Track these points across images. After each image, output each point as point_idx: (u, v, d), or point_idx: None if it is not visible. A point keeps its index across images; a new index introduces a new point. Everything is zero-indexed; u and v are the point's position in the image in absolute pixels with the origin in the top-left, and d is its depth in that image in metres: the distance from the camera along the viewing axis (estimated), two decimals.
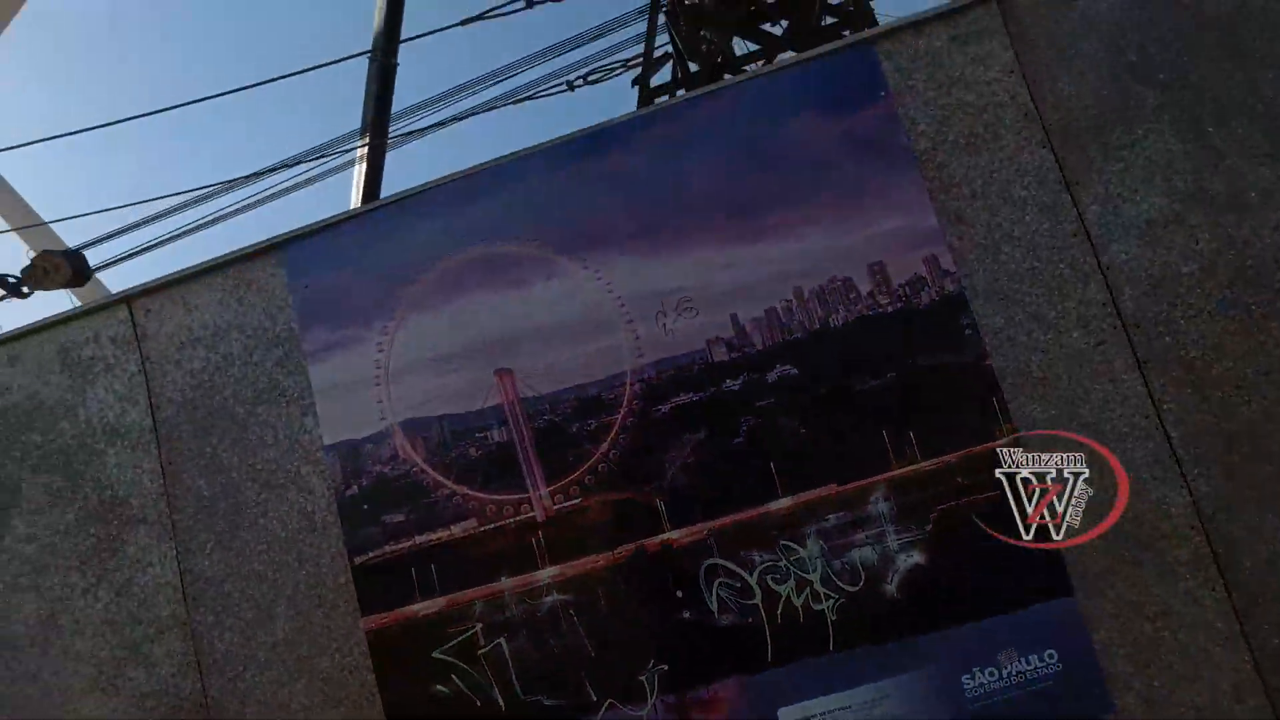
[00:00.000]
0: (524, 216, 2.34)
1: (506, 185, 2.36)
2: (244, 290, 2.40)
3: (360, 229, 2.39)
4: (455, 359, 2.32)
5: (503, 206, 2.34)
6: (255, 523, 2.39)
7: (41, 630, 2.36)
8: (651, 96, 9.18)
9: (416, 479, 2.34)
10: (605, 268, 2.30)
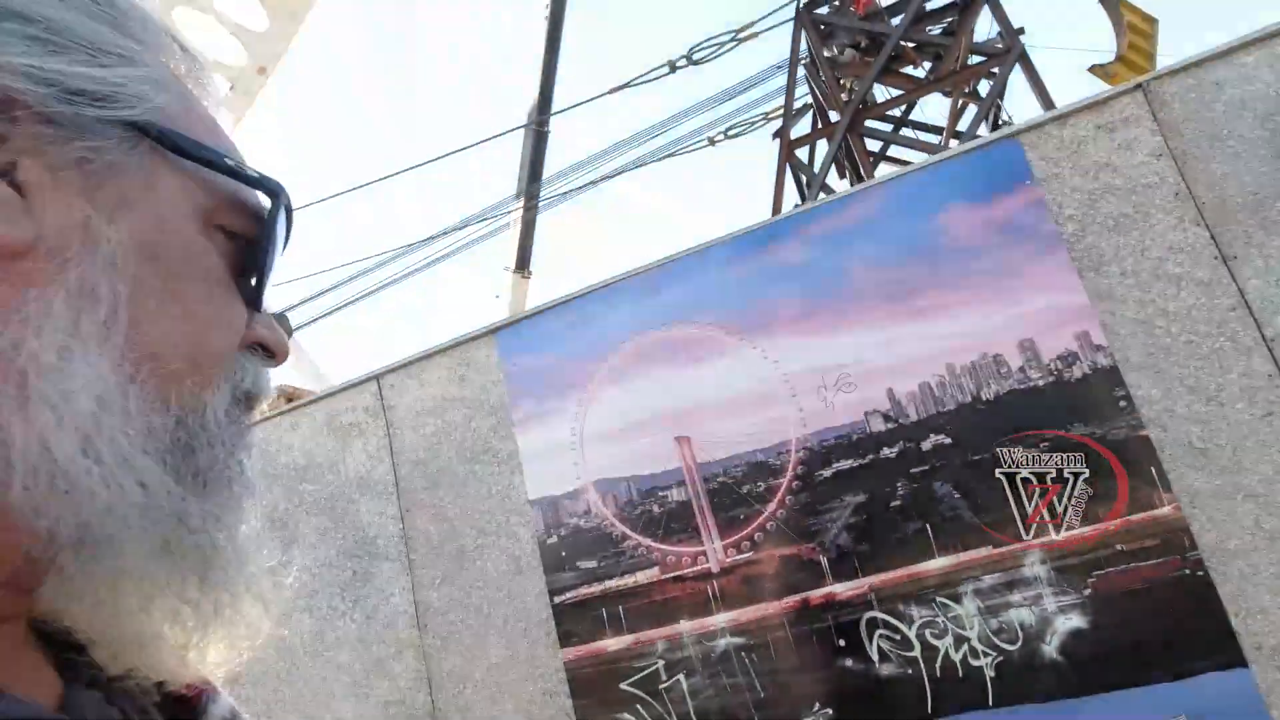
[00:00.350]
0: (702, 303, 2.70)
1: (687, 276, 2.73)
2: (465, 369, 2.90)
3: (560, 315, 2.84)
4: (641, 427, 2.70)
5: (684, 294, 2.71)
6: (473, 563, 2.85)
7: (313, 644, 2.92)
8: (792, 147, 9.46)
9: (607, 531, 2.72)
10: (773, 348, 2.60)
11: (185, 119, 0.37)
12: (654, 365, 2.72)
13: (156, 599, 0.33)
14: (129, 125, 0.34)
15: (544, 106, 10.88)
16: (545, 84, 10.77)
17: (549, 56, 10.54)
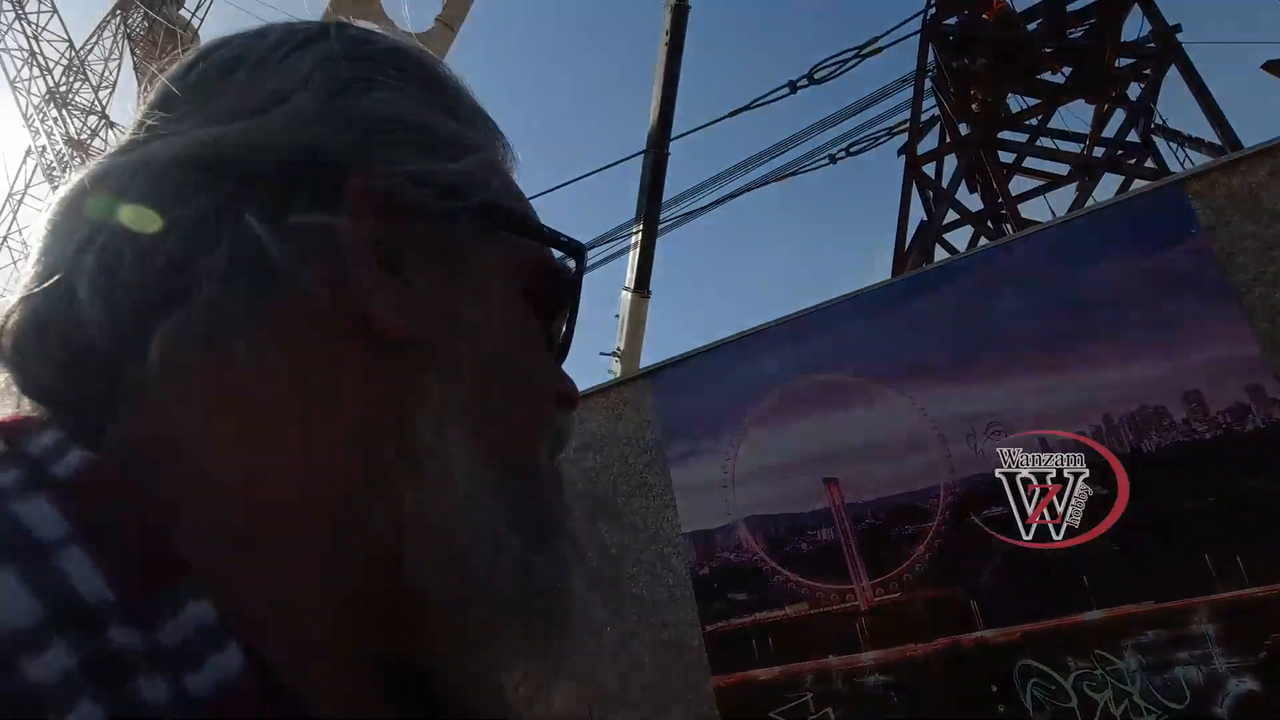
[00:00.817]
0: (852, 350, 2.82)
1: (834, 324, 2.86)
2: (622, 408, 3.14)
3: (713, 359, 3.04)
4: (790, 468, 2.84)
5: (835, 341, 2.84)
6: (630, 590, 3.07)
7: None
8: (919, 163, 9.23)
9: (757, 565, 2.87)
10: (921, 395, 2.69)
11: (508, 194, 0.38)
12: (804, 409, 2.85)
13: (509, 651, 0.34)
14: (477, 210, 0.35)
15: (663, 130, 11.07)
16: (664, 108, 10.96)
17: (668, 82, 10.75)
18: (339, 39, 0.36)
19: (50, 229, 0.31)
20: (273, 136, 0.31)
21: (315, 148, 0.31)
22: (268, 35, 0.35)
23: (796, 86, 10.29)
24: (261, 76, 0.33)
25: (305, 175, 0.31)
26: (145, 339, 0.28)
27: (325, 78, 0.33)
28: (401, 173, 0.33)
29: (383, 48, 0.37)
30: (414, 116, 0.35)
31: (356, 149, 0.32)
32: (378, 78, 0.35)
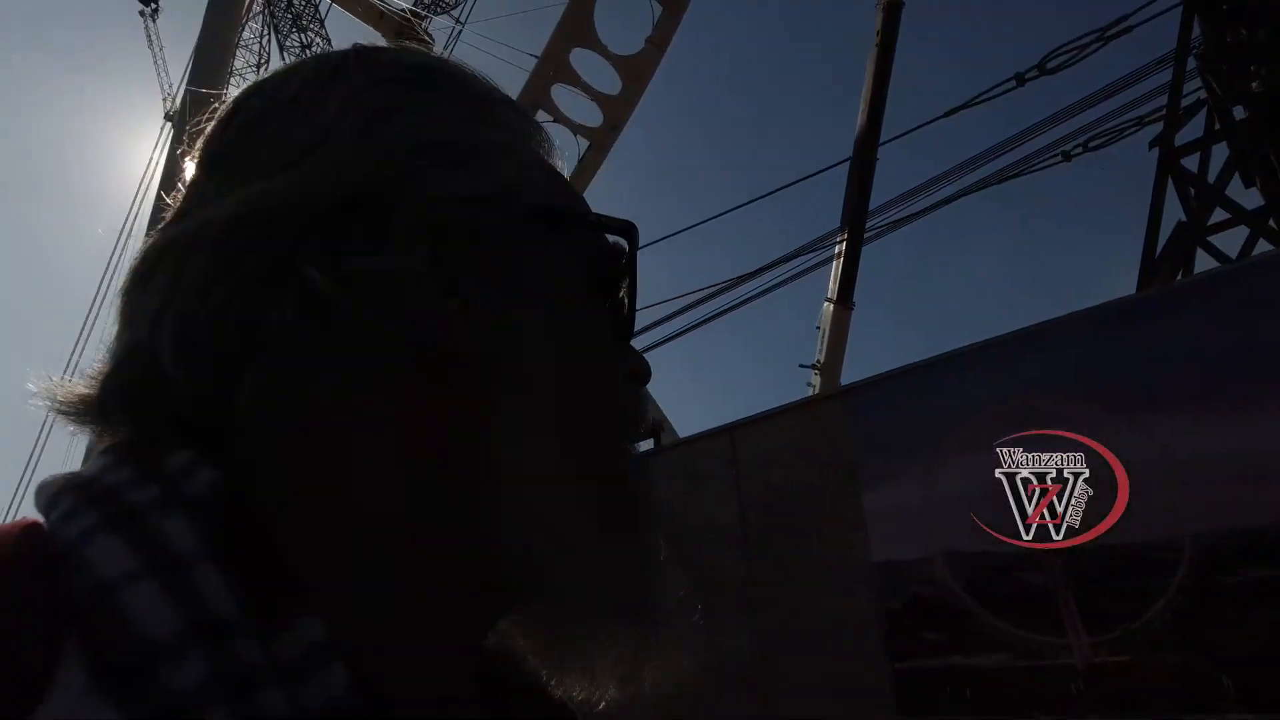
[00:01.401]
0: (1071, 374, 2.51)
1: (1055, 345, 2.57)
2: (813, 425, 3.05)
3: (914, 379, 2.85)
4: (997, 501, 2.59)
5: (1050, 365, 2.55)
6: (810, 615, 2.97)
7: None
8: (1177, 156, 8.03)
9: (954, 604, 2.64)
10: (1159, 429, 2.33)
11: (551, 188, 0.39)
12: (1012, 437, 2.59)
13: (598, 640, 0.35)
14: (522, 215, 0.35)
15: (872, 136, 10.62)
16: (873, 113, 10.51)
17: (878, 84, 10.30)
18: (361, 68, 0.36)
19: (126, 301, 0.34)
20: (315, 183, 0.32)
21: (357, 187, 0.32)
22: (294, 77, 0.37)
23: (1024, 79, 9.38)
24: (296, 122, 0.34)
25: (354, 214, 0.32)
26: (229, 394, 0.31)
27: (356, 112, 0.34)
28: (445, 194, 0.34)
29: (405, 67, 0.37)
30: (447, 134, 0.35)
31: (397, 180, 0.33)
32: (404, 101, 0.36)
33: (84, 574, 0.24)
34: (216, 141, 0.36)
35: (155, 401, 0.31)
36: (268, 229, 0.31)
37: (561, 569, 0.33)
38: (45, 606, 0.23)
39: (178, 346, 0.31)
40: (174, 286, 0.32)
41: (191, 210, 0.34)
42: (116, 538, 0.25)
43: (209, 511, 0.27)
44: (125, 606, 0.23)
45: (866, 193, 10.07)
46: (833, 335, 10.33)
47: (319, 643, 0.26)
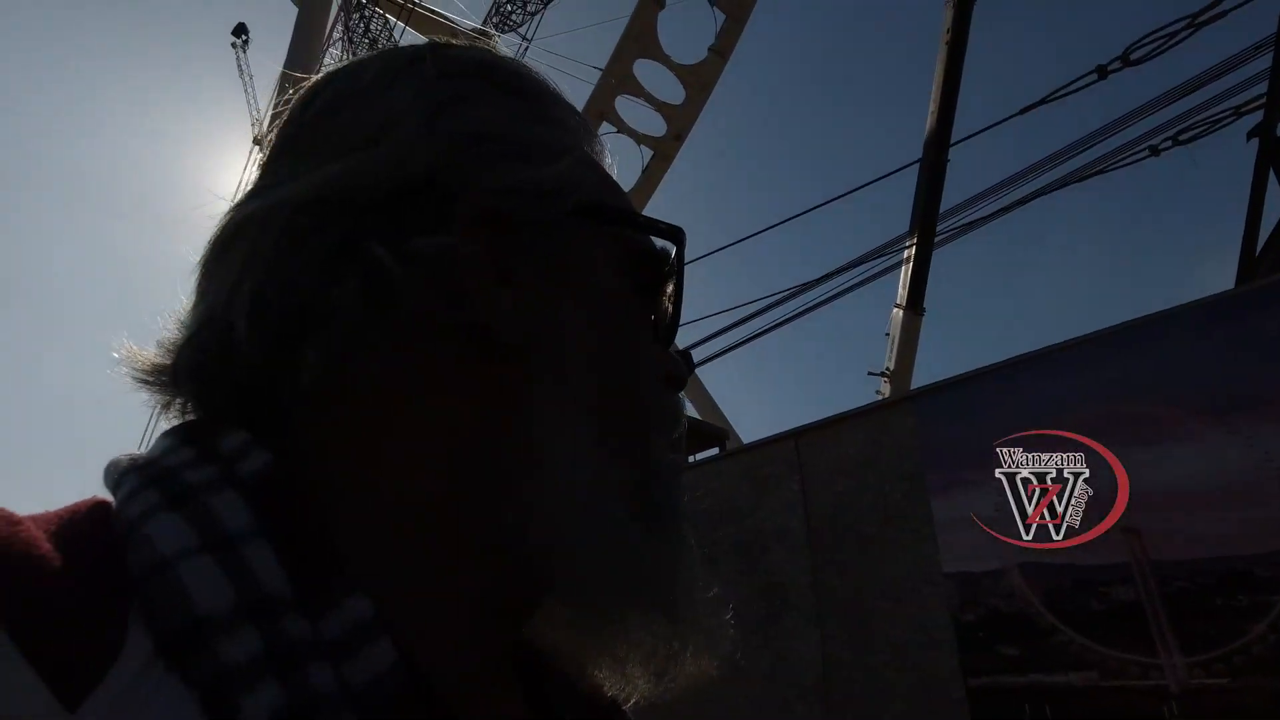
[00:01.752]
0: (1160, 377, 2.37)
1: (1141, 345, 2.42)
2: (880, 432, 2.96)
3: (986, 384, 2.74)
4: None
5: (1136, 366, 2.41)
6: (881, 627, 2.87)
7: (730, 670, 3.24)
8: (1278, 146, 7.49)
9: (1032, 619, 2.52)
10: (1263, 435, 2.17)
11: (603, 188, 0.40)
12: (1095, 444, 2.45)
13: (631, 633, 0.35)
14: (575, 210, 0.36)
15: (942, 137, 10.32)
16: (943, 114, 10.21)
17: (948, 84, 10.01)
18: (434, 61, 0.38)
19: (205, 272, 0.36)
20: (385, 166, 0.33)
21: (424, 172, 0.34)
22: (369, 67, 0.38)
23: (1107, 71, 8.90)
24: (368, 109, 0.36)
25: (418, 199, 0.34)
26: (293, 365, 0.32)
27: (425, 102, 0.35)
28: (504, 186, 0.35)
29: (475, 63, 0.39)
30: (510, 128, 0.36)
31: (461, 168, 0.34)
32: (473, 95, 0.37)
33: (146, 549, 0.25)
34: (293, 124, 0.38)
35: (225, 371, 0.33)
36: (337, 208, 0.33)
37: (593, 554, 0.33)
38: (113, 578, 0.25)
39: (251, 317, 0.32)
40: (249, 260, 0.33)
41: (267, 188, 0.35)
42: (176, 516, 0.26)
43: (261, 491, 0.28)
44: (183, 581, 0.24)
45: (937, 195, 9.77)
46: (903, 342, 10.06)
47: (364, 620, 0.27)
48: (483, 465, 0.33)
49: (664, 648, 0.36)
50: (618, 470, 0.35)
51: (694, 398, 11.31)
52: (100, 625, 0.23)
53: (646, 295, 0.41)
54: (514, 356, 0.34)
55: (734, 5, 10.54)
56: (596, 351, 0.36)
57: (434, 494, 0.33)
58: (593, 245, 0.38)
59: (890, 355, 10.25)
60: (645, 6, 10.06)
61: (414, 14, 13.69)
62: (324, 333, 0.32)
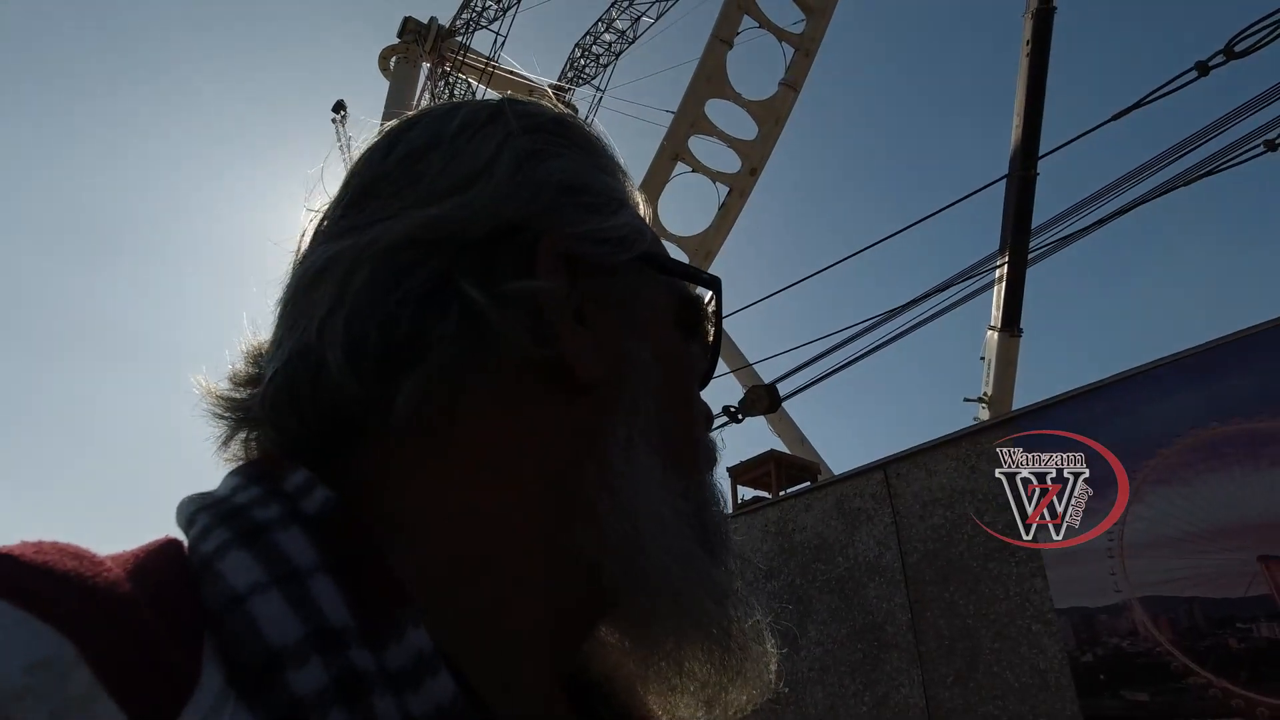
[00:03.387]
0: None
1: (1264, 356, 2.22)
2: (976, 459, 2.81)
3: (1089, 404, 2.56)
4: (1206, 539, 2.24)
5: (1260, 380, 2.20)
6: (990, 668, 2.68)
7: (825, 718, 3.09)
8: None
9: (1161, 660, 2.30)
10: None
11: (654, 237, 0.42)
12: (1221, 466, 2.24)
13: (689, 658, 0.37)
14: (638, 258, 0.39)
15: (1029, 151, 9.92)
16: (1029, 126, 9.84)
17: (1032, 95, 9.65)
18: (515, 116, 0.40)
19: (289, 308, 0.37)
20: (477, 212, 0.35)
21: (513, 218, 0.36)
22: (450, 118, 0.40)
23: (1209, 67, 8.34)
24: (456, 157, 0.38)
25: (507, 243, 0.36)
26: (385, 397, 0.33)
27: (510, 153, 0.38)
28: (580, 233, 0.37)
29: (548, 119, 0.41)
30: (582, 179, 0.39)
31: (543, 215, 0.37)
32: (549, 148, 0.39)
33: (219, 585, 0.27)
34: (373, 168, 0.39)
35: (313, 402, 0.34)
36: (432, 249, 0.35)
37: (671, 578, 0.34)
38: (189, 615, 0.26)
39: (347, 349, 0.33)
40: (340, 295, 0.34)
41: (354, 228, 0.36)
42: (246, 553, 0.28)
43: (324, 527, 0.29)
44: (255, 615, 0.26)
45: (1027, 211, 9.35)
46: (999, 365, 9.59)
47: (426, 652, 0.28)
48: (561, 497, 0.35)
49: (716, 676, 0.37)
50: (685, 500, 0.36)
51: (782, 432, 11.08)
52: (178, 660, 0.24)
53: (690, 337, 0.43)
54: (591, 393, 0.36)
55: (802, 38, 10.57)
56: (660, 389, 0.38)
57: (511, 525, 0.34)
58: (653, 290, 0.40)
59: (987, 379, 9.78)
60: (714, 47, 10.21)
61: (494, 75, 14.38)
62: (421, 367, 0.33)
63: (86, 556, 0.25)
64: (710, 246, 10.45)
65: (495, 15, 14.82)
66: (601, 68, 15.83)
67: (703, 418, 0.43)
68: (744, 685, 0.38)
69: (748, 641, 0.38)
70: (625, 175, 0.43)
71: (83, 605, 0.23)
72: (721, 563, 0.38)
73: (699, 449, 0.41)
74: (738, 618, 0.37)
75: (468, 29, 15.05)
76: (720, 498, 0.42)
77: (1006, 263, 9.75)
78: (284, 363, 0.35)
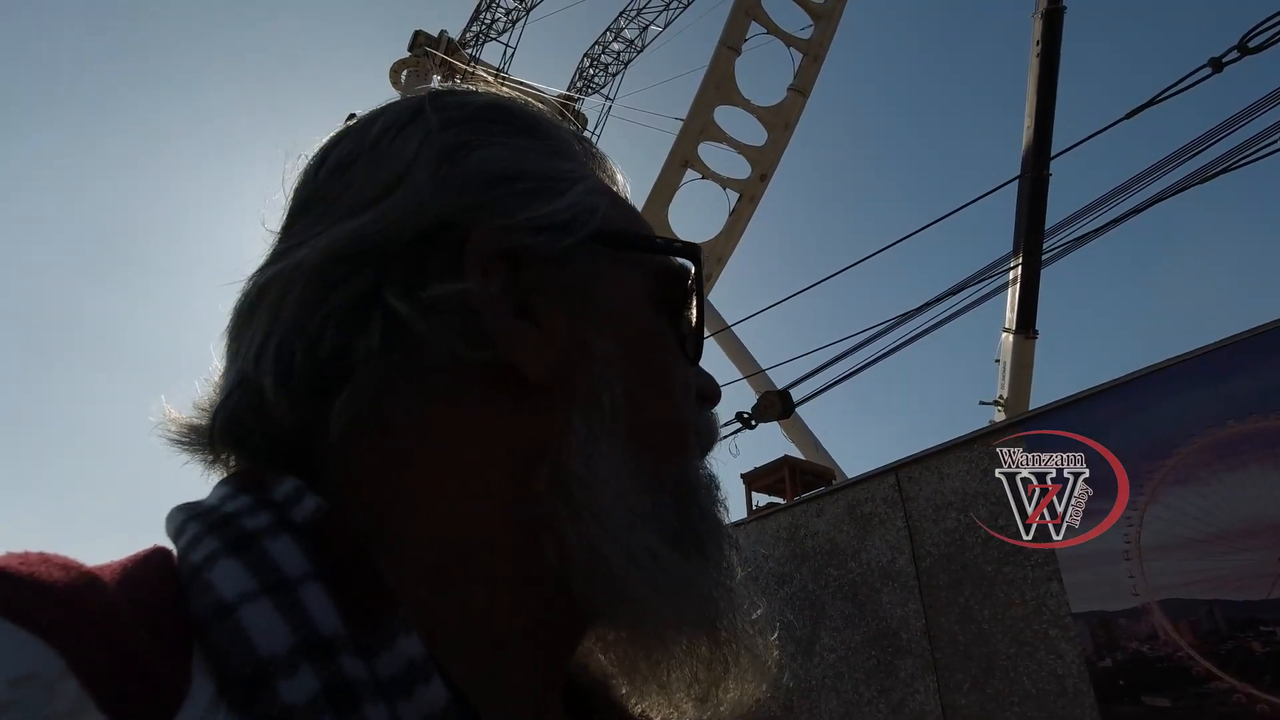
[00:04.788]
0: None
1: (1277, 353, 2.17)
2: (988, 462, 2.77)
3: (1103, 404, 2.52)
4: (1227, 540, 2.19)
5: (1278, 376, 2.16)
6: (1006, 674, 2.64)
7: None
8: None
9: (1182, 664, 2.25)
10: None
11: (617, 212, 0.40)
12: (1240, 465, 2.19)
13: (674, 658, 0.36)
14: (590, 239, 0.37)
15: (1041, 151, 9.85)
16: (1041, 126, 9.77)
17: (1043, 96, 9.58)
18: (434, 110, 0.38)
19: (232, 336, 0.37)
20: (398, 218, 0.34)
21: (436, 219, 0.35)
22: (373, 124, 0.38)
23: (1223, 63, 8.24)
24: (376, 164, 0.36)
25: (434, 245, 0.34)
26: (324, 418, 0.33)
27: (431, 151, 0.36)
28: (515, 223, 0.35)
29: (476, 106, 0.39)
30: (516, 166, 0.37)
31: (472, 211, 0.35)
32: (476, 138, 0.37)
33: (208, 595, 0.26)
34: (307, 186, 0.39)
35: (260, 430, 0.34)
36: (356, 263, 0.34)
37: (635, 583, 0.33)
38: (178, 624, 0.26)
39: (278, 376, 0.33)
40: (274, 321, 0.34)
41: (287, 250, 0.36)
42: (235, 562, 0.27)
43: (314, 535, 0.29)
44: (245, 624, 0.25)
45: (1040, 211, 9.26)
46: (1014, 367, 9.49)
47: (417, 660, 0.27)
48: (518, 502, 0.33)
49: (705, 672, 0.36)
50: (653, 497, 0.35)
51: (796, 438, 11.02)
52: (167, 671, 0.24)
53: (669, 314, 0.40)
54: (545, 389, 0.34)
55: (809, 43, 10.57)
56: (628, 376, 0.36)
57: (480, 534, 0.33)
58: (614, 271, 0.38)
59: (1002, 382, 9.68)
60: (722, 54, 10.23)
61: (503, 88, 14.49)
62: (350, 385, 0.33)
63: (74, 567, 0.25)
64: (721, 253, 10.43)
65: (505, 27, 14.95)
66: (610, 77, 15.91)
67: (696, 395, 0.41)
68: (739, 681, 0.37)
69: (739, 636, 0.36)
70: (576, 151, 0.41)
71: (70, 617, 0.23)
72: (710, 556, 0.36)
73: (687, 430, 0.39)
74: (726, 612, 0.36)
75: (477, 41, 15.17)
76: (715, 482, 0.40)
77: (1020, 264, 9.67)
78: (226, 395, 0.35)
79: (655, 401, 0.37)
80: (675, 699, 0.38)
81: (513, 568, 0.33)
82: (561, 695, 0.38)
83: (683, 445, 0.38)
